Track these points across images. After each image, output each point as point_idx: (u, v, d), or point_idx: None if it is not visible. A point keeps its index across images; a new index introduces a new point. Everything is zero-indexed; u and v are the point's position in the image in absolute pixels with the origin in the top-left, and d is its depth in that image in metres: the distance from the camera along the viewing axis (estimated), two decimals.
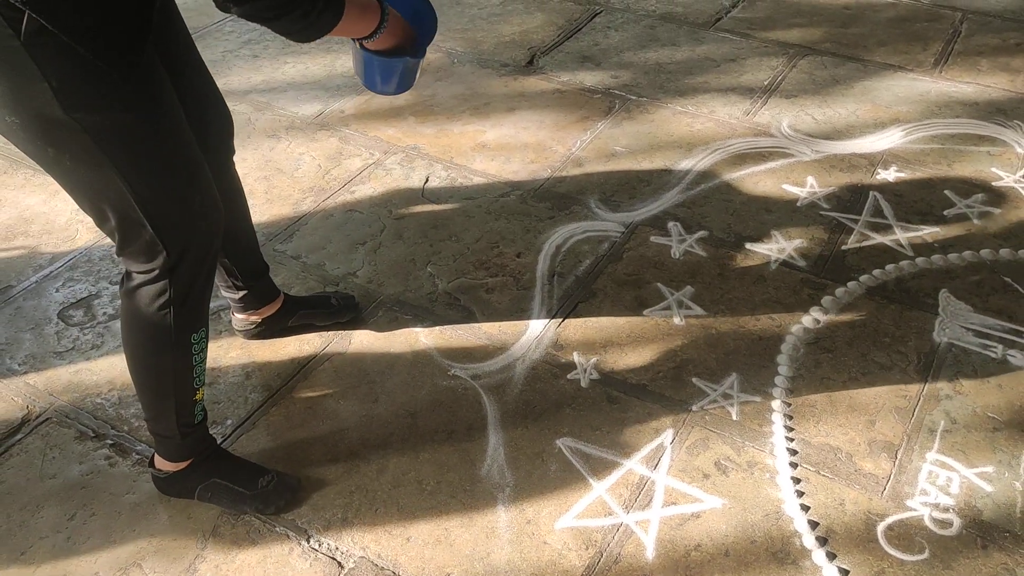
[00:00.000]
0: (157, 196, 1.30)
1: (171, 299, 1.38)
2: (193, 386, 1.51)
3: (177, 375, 1.47)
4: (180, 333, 1.42)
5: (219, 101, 1.61)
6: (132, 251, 1.36)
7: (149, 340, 1.44)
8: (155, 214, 1.31)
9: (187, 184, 1.34)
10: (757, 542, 1.58)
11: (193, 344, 1.46)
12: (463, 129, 2.76)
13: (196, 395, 1.53)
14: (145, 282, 1.38)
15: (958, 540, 1.58)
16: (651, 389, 1.88)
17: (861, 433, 1.77)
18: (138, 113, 1.24)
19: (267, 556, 1.58)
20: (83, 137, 1.20)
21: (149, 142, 1.26)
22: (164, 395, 1.50)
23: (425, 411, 1.84)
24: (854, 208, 2.38)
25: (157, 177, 1.29)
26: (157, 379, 1.48)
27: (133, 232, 1.33)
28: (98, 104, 1.19)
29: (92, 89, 1.18)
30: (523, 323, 2.05)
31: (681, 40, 3.24)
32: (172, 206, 1.33)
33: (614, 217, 2.38)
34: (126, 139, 1.24)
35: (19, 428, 1.83)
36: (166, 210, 1.32)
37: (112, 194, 1.28)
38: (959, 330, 2.00)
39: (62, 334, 2.06)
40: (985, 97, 2.84)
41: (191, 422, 1.56)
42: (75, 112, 1.17)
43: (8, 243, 2.34)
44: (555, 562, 1.56)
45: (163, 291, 1.37)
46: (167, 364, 1.46)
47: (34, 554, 1.59)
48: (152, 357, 1.46)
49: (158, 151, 1.28)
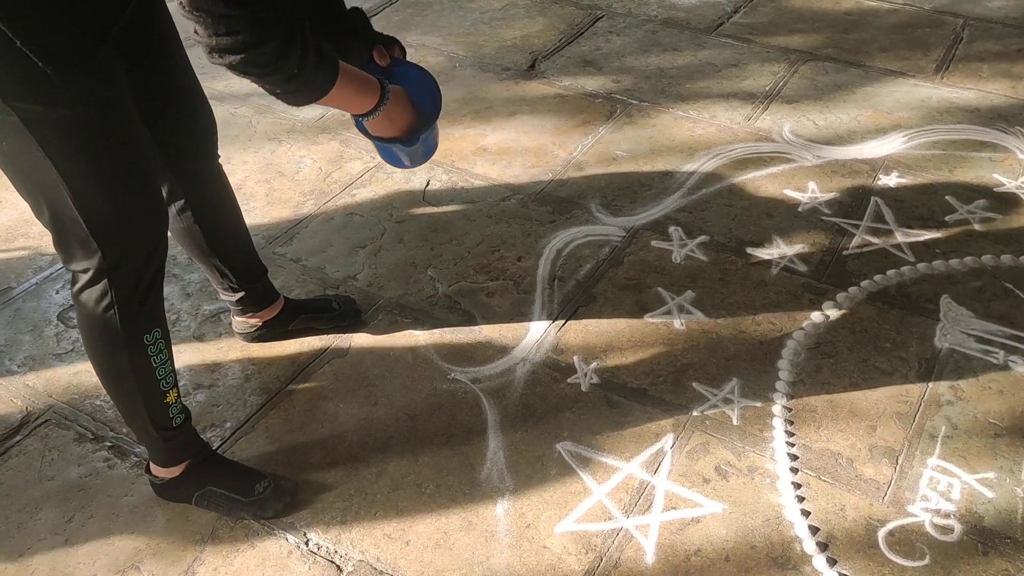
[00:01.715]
0: (92, 194, 1.27)
1: (113, 300, 1.36)
2: (160, 388, 1.49)
3: (138, 377, 1.45)
4: (130, 335, 1.40)
5: (204, 102, 1.61)
6: (67, 247, 1.34)
7: (100, 342, 1.42)
8: (90, 212, 1.28)
9: (125, 184, 1.31)
10: (757, 547, 1.57)
11: (148, 346, 1.43)
12: (464, 133, 2.76)
13: (167, 398, 1.51)
14: (86, 283, 1.36)
15: (959, 546, 1.57)
16: (651, 393, 1.87)
17: (862, 438, 1.76)
18: (75, 110, 1.20)
19: (266, 559, 1.58)
20: (18, 125, 1.17)
21: (86, 139, 1.23)
22: (130, 398, 1.48)
23: (425, 414, 1.84)
24: (855, 213, 2.37)
25: (93, 175, 1.26)
26: (118, 381, 1.47)
27: (67, 227, 1.30)
28: (32, 96, 1.16)
29: (28, 79, 1.14)
30: (523, 327, 2.05)
31: (683, 45, 3.24)
32: (107, 205, 1.29)
33: (615, 221, 2.37)
34: (61, 133, 1.20)
35: (18, 429, 1.83)
36: (101, 209, 1.29)
37: (47, 187, 1.25)
38: (960, 336, 1.99)
39: (61, 336, 2.05)
40: (987, 103, 2.84)
41: (168, 425, 1.54)
42: (9, 100, 1.15)
43: (8, 244, 2.34)
44: (555, 566, 1.55)
45: (105, 292, 1.35)
46: (124, 366, 1.44)
47: (32, 556, 1.59)
48: (107, 360, 1.44)
49: (95, 149, 1.25)
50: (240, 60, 1.12)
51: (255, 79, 1.17)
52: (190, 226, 1.69)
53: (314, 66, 1.20)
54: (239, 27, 1.09)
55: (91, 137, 1.24)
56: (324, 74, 1.23)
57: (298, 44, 1.15)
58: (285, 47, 1.14)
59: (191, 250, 1.76)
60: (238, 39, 1.10)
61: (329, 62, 1.24)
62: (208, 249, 1.75)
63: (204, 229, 1.71)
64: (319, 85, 1.24)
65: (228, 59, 1.12)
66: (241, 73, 1.15)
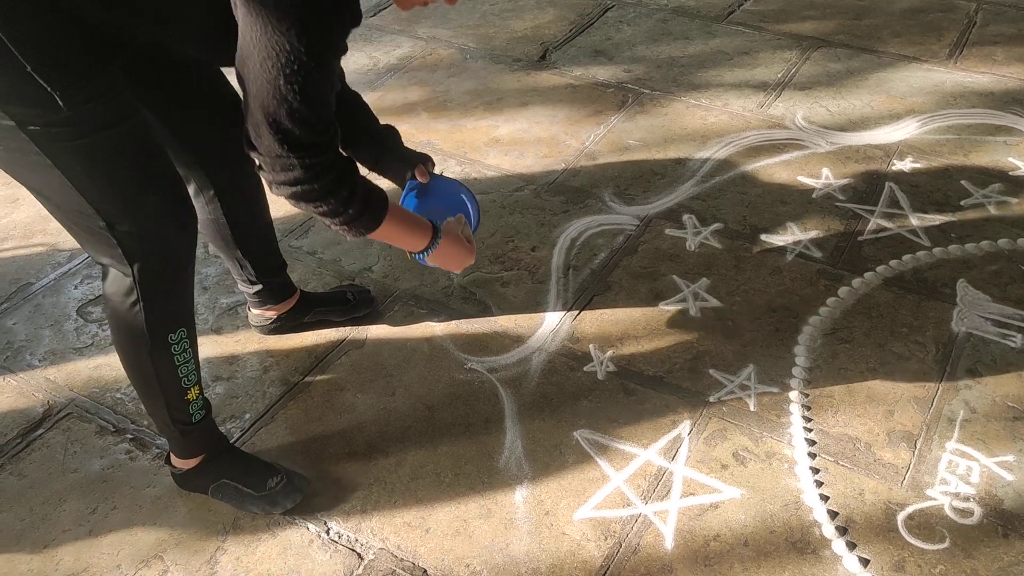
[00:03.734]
0: (110, 201, 1.28)
1: (139, 297, 1.37)
2: (181, 386, 1.51)
3: (160, 374, 1.47)
4: (154, 332, 1.41)
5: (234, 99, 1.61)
6: (92, 247, 1.36)
7: (126, 337, 1.44)
8: (110, 216, 1.29)
9: (142, 190, 1.31)
10: (776, 532, 1.58)
11: (171, 344, 1.45)
12: (476, 124, 2.77)
13: (188, 395, 1.53)
14: (114, 278, 1.37)
15: (979, 529, 1.57)
16: (668, 381, 1.87)
17: (880, 423, 1.76)
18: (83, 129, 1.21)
19: (287, 548, 1.59)
20: (19, 134, 1.18)
21: (98, 154, 1.24)
22: (152, 392, 1.50)
23: (442, 404, 1.85)
24: (870, 199, 2.37)
25: (109, 185, 1.27)
26: (141, 376, 1.49)
27: (90, 231, 1.31)
28: (43, 116, 1.17)
29: (38, 101, 1.15)
30: (539, 316, 2.05)
31: (694, 34, 3.23)
32: (126, 210, 1.30)
33: (628, 210, 2.37)
34: (72, 149, 1.22)
35: (40, 423, 1.85)
36: (121, 214, 1.30)
37: (66, 198, 1.27)
38: (977, 320, 1.98)
39: (81, 330, 2.07)
40: (1001, 87, 2.82)
41: (187, 420, 1.56)
42: (9, 106, 1.15)
43: (27, 241, 2.36)
44: (574, 552, 1.56)
45: (131, 289, 1.37)
46: (146, 362, 1.45)
47: (57, 547, 1.61)
48: (132, 354, 1.46)
49: (107, 162, 1.26)
50: (292, 194, 1.25)
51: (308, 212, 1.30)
52: (217, 218, 1.71)
53: (360, 206, 1.33)
54: (292, 167, 1.22)
55: (102, 152, 1.25)
56: (370, 215, 1.36)
57: (347, 186, 1.29)
58: (334, 187, 1.27)
59: (215, 241, 1.78)
60: (291, 176, 1.23)
61: (377, 205, 1.37)
62: (232, 241, 1.77)
63: (231, 222, 1.73)
64: (364, 224, 1.36)
65: (283, 191, 1.26)
66: (294, 204, 1.29)
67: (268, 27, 1.09)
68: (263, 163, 1.23)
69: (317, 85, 1.16)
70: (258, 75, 1.13)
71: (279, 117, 1.16)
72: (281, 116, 1.16)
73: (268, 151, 1.20)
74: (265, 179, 1.26)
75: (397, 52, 3.20)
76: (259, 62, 1.11)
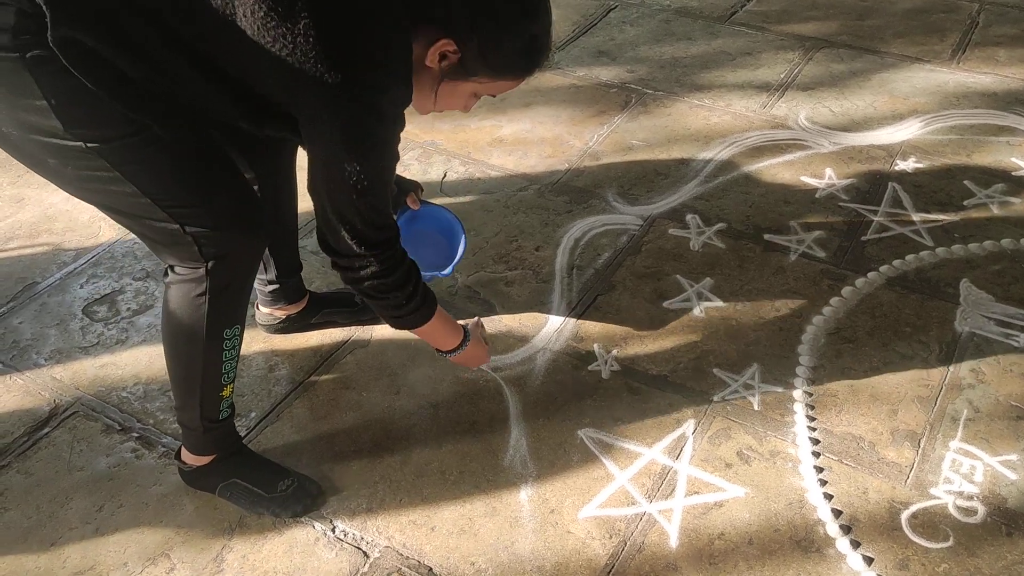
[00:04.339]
0: (175, 199, 1.31)
1: (207, 290, 1.39)
2: (221, 381, 1.52)
3: (206, 367, 1.48)
4: (213, 325, 1.43)
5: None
6: (165, 250, 1.39)
7: (183, 328, 1.45)
8: (179, 215, 1.32)
9: (202, 185, 1.35)
10: (781, 530, 1.58)
11: (226, 339, 1.47)
12: (480, 124, 2.77)
13: (223, 391, 1.54)
14: (184, 273, 1.40)
15: (983, 528, 1.57)
16: (672, 380, 1.88)
17: (884, 422, 1.77)
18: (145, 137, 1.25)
19: (293, 546, 1.60)
20: (85, 152, 1.21)
21: (154, 154, 1.27)
22: (191, 385, 1.51)
23: (447, 403, 1.86)
24: (873, 199, 2.37)
25: (170, 182, 1.30)
26: (187, 368, 1.50)
27: (164, 235, 1.34)
28: (96, 125, 1.21)
29: (91, 113, 1.19)
30: (543, 316, 2.06)
31: (696, 34, 3.24)
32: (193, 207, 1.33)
33: (632, 210, 2.38)
34: (129, 153, 1.25)
35: (47, 421, 1.85)
36: (188, 212, 1.33)
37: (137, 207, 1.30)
38: (980, 319, 1.99)
39: (87, 329, 2.08)
40: (1004, 87, 2.83)
41: (215, 417, 1.57)
42: (74, 128, 1.19)
43: (32, 240, 2.37)
44: (579, 551, 1.57)
45: (201, 281, 1.39)
46: (198, 355, 1.47)
47: (64, 545, 1.61)
48: (185, 346, 1.47)
49: (166, 160, 1.29)
50: (369, 286, 1.42)
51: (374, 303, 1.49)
52: None
53: (418, 304, 1.50)
54: (370, 264, 1.39)
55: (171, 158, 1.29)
56: (422, 313, 1.54)
57: (412, 283, 1.47)
58: (403, 281, 1.45)
59: None
60: (368, 272, 1.40)
61: (429, 305, 1.54)
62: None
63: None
64: (415, 320, 1.54)
65: (360, 287, 1.43)
66: (363, 297, 1.47)
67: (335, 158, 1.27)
68: (341, 263, 1.41)
69: (382, 194, 1.35)
70: (332, 193, 1.31)
71: (355, 224, 1.34)
72: (356, 223, 1.34)
73: (347, 252, 1.37)
74: (344, 277, 1.43)
75: None
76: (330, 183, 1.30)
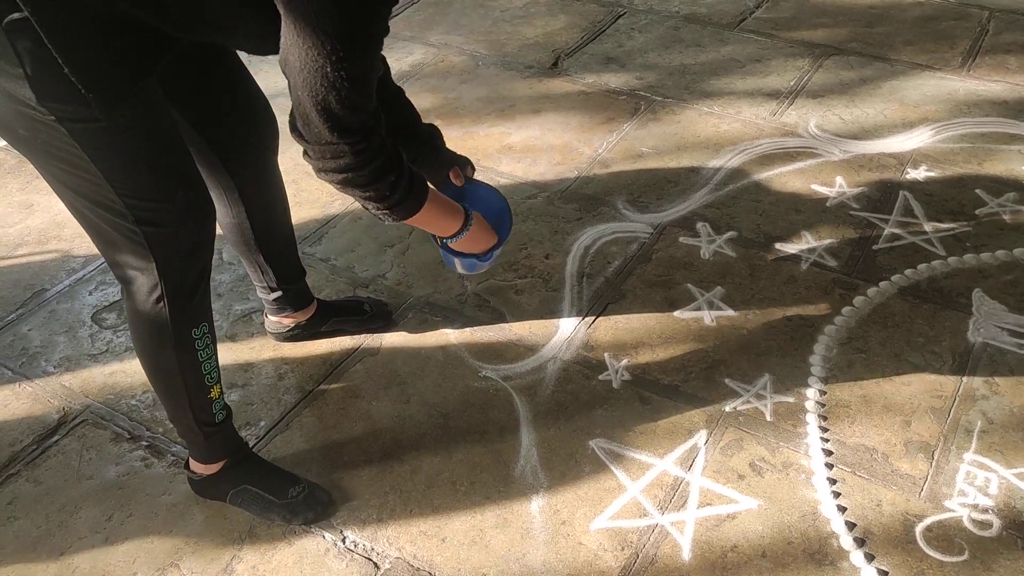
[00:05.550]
0: (135, 191, 1.29)
1: (163, 293, 1.38)
2: (205, 383, 1.51)
3: (184, 371, 1.47)
4: (178, 328, 1.42)
5: (263, 105, 1.63)
6: (115, 246, 1.36)
7: (150, 336, 1.44)
8: (136, 208, 1.30)
9: (168, 182, 1.33)
10: (794, 543, 1.57)
11: (195, 340, 1.46)
12: (489, 131, 2.77)
13: (211, 393, 1.53)
14: (136, 277, 1.38)
15: (998, 541, 1.56)
16: (683, 390, 1.87)
17: (897, 434, 1.76)
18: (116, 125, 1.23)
19: (303, 557, 1.59)
20: (56, 127, 1.19)
21: (125, 141, 1.25)
22: (176, 392, 1.50)
23: (457, 412, 1.85)
24: (884, 208, 2.36)
25: (137, 174, 1.28)
26: (166, 376, 1.49)
27: (114, 225, 1.32)
28: (76, 113, 1.19)
29: (73, 99, 1.17)
30: (553, 324, 2.05)
31: (705, 41, 3.23)
32: (152, 202, 1.31)
33: (642, 218, 2.37)
34: (100, 136, 1.23)
35: (56, 429, 1.85)
36: (146, 205, 1.31)
37: (92, 187, 1.27)
38: (994, 330, 1.98)
39: (96, 337, 2.08)
40: (1015, 95, 2.81)
41: (211, 420, 1.56)
42: (47, 102, 1.16)
43: (42, 247, 2.37)
44: (591, 563, 1.56)
45: (155, 285, 1.37)
46: (171, 360, 1.45)
47: (73, 554, 1.61)
48: (156, 354, 1.46)
49: (135, 149, 1.27)
50: (341, 180, 1.26)
51: (354, 197, 1.33)
52: (241, 221, 1.71)
53: (405, 191, 1.34)
54: (343, 154, 1.22)
55: (135, 147, 1.27)
56: (413, 199, 1.37)
57: (394, 171, 1.30)
58: (382, 173, 1.28)
59: (238, 245, 1.78)
60: (340, 163, 1.24)
61: (419, 189, 1.38)
62: (255, 246, 1.77)
63: (254, 225, 1.73)
64: (407, 208, 1.37)
65: (332, 178, 1.26)
66: (341, 190, 1.30)
67: (311, 16, 1.10)
68: (312, 151, 1.24)
69: (363, 68, 1.17)
70: (305, 63, 1.13)
71: (328, 103, 1.16)
72: (330, 101, 1.16)
73: (318, 138, 1.21)
74: (314, 167, 1.26)
75: (409, 59, 3.20)
76: (305, 50, 1.12)
